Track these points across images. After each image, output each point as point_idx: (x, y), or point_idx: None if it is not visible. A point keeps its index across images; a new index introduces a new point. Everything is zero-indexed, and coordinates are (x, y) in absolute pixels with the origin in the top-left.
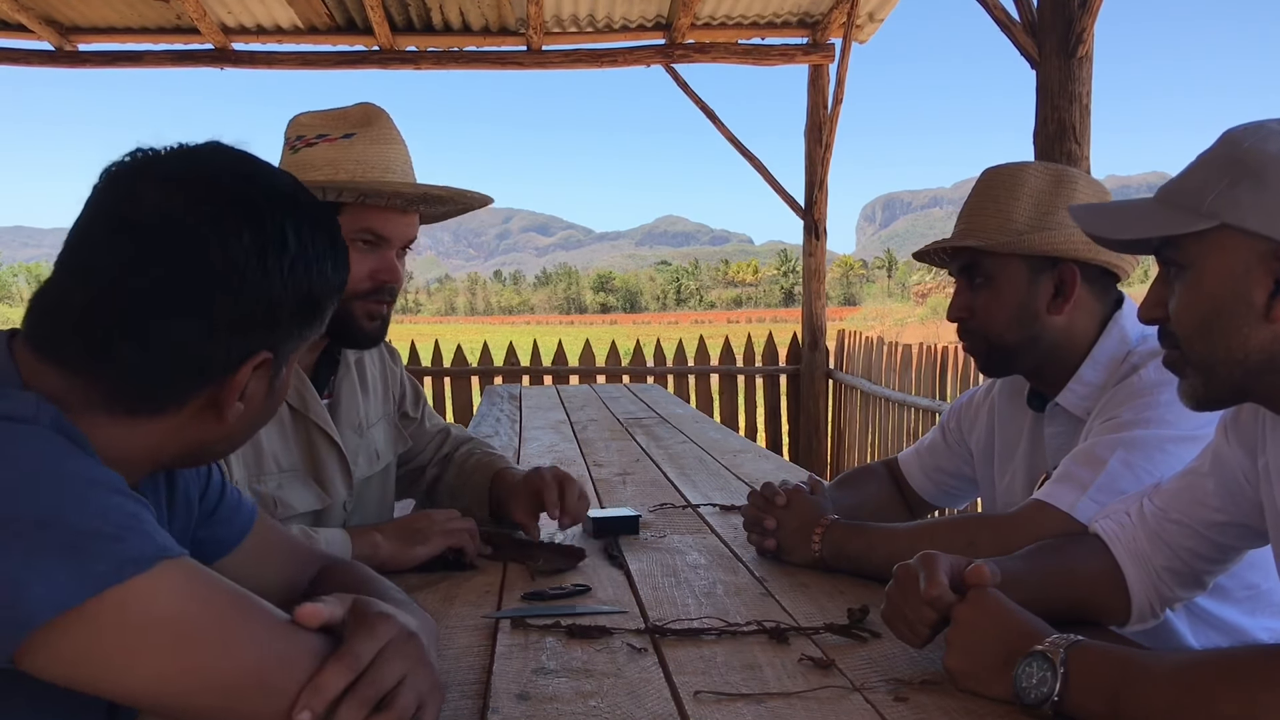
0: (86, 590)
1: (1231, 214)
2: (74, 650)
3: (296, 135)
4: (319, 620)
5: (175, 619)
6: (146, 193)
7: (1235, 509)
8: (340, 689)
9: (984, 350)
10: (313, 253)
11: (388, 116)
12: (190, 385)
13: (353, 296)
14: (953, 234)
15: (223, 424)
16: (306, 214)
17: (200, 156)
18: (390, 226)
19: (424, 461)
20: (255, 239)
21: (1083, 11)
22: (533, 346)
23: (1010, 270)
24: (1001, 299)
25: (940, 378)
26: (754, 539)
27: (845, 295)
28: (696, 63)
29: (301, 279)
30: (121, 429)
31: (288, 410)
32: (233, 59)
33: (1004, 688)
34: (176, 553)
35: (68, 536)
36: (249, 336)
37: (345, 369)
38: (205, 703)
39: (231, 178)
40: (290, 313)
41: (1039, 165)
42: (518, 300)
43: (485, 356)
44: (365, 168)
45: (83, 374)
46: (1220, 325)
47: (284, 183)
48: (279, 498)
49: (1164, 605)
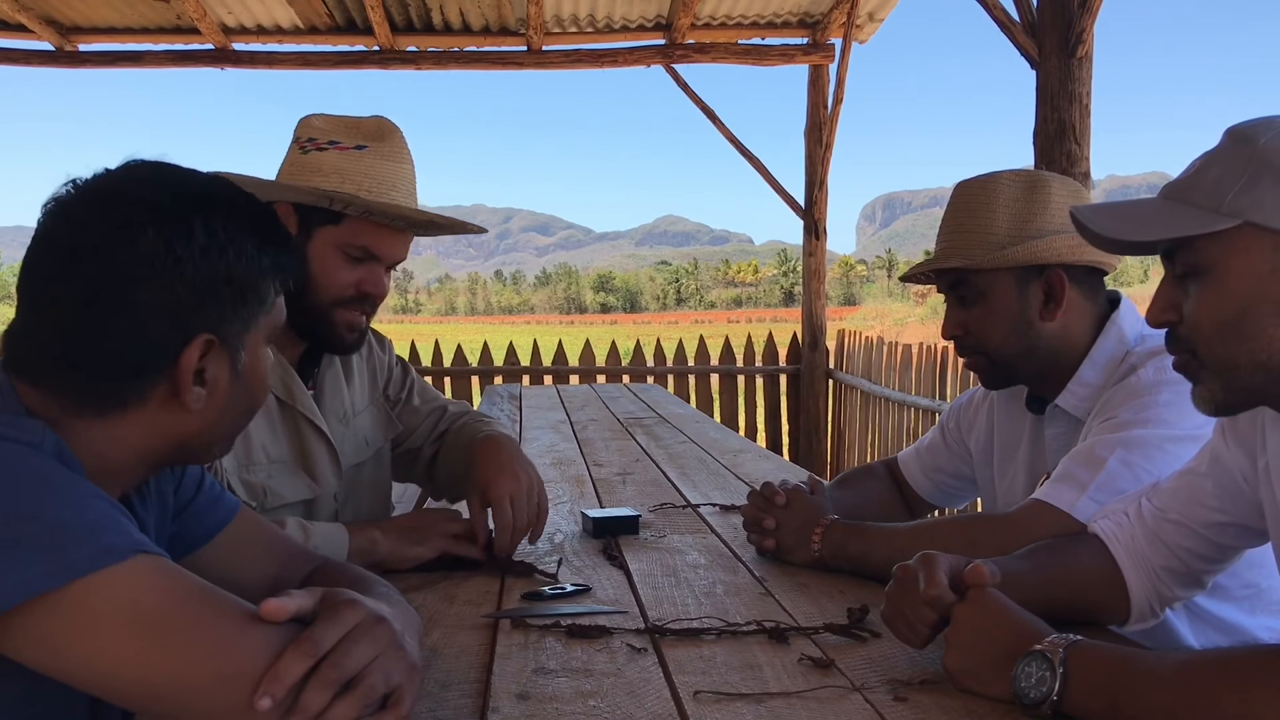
0: (61, 577)
1: (1255, 212)
2: (46, 634)
3: (308, 137)
4: (285, 614)
5: (143, 610)
6: (68, 215)
7: (1234, 509)
8: (299, 674)
9: (986, 366)
10: (225, 238)
11: (401, 134)
12: (140, 377)
13: (335, 303)
14: (935, 254)
15: (190, 413)
16: (217, 206)
17: (114, 174)
18: (385, 246)
19: (419, 442)
20: (159, 234)
21: (1083, 11)
22: (533, 346)
23: (999, 284)
24: (995, 313)
25: (940, 378)
26: (754, 539)
27: (845, 295)
28: (696, 63)
29: (217, 262)
30: (99, 430)
31: (275, 402)
32: (233, 59)
33: (1003, 687)
34: (153, 550)
35: (47, 529)
36: (178, 323)
37: (329, 360)
38: (169, 693)
39: (137, 184)
40: (214, 295)
41: (1010, 174)
42: (518, 300)
43: (485, 356)
44: (372, 182)
45: (51, 387)
46: (1245, 326)
47: (194, 182)
48: (269, 487)
49: (1163, 605)
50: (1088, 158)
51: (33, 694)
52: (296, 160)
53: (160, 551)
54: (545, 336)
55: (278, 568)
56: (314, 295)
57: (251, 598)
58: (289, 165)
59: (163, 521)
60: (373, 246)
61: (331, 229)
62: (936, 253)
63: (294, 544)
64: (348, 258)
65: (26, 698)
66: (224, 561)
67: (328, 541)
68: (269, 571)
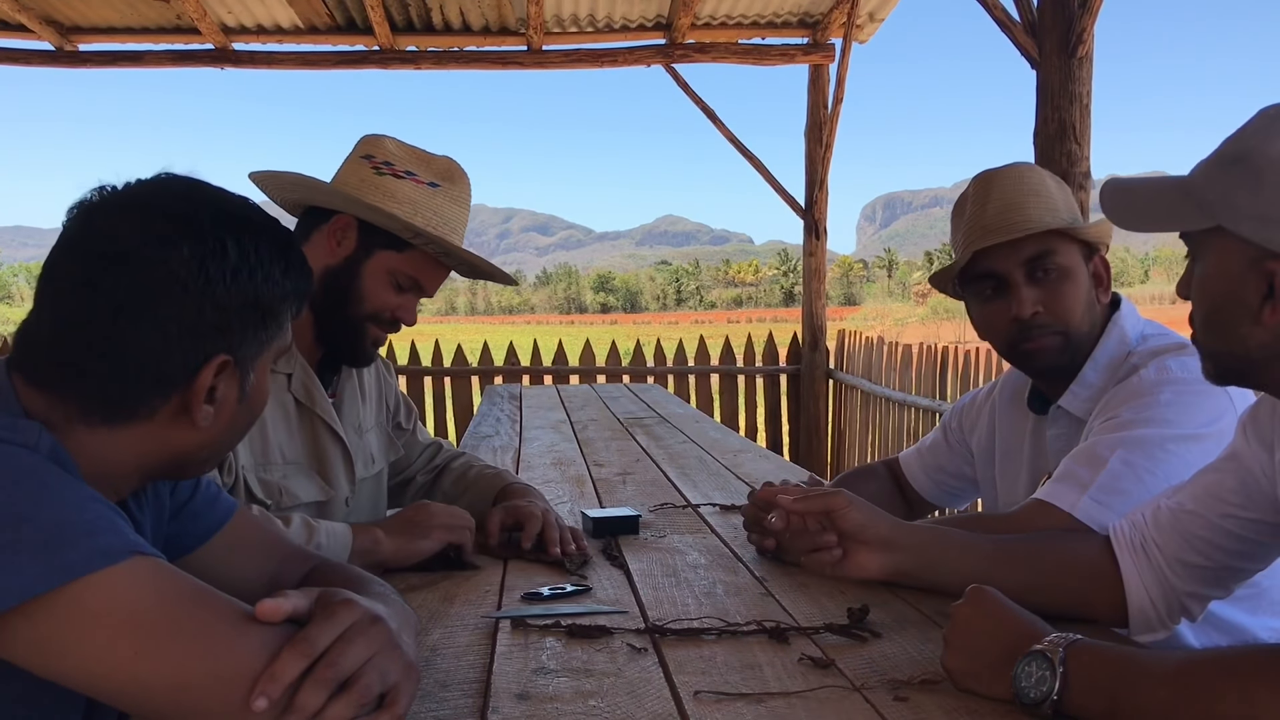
0: (56, 578)
1: (1226, 216)
2: (41, 636)
3: (384, 160)
4: (280, 614)
5: (139, 611)
6: (99, 222)
7: (1254, 505)
8: (295, 674)
9: (1061, 345)
10: (255, 261)
11: (468, 180)
12: (155, 391)
13: (371, 319)
14: (992, 233)
15: (196, 429)
16: (250, 228)
17: (149, 185)
18: (433, 282)
19: (414, 473)
20: (194, 251)
21: (1083, 11)
22: (533, 346)
23: (1077, 260)
24: (1079, 288)
25: (940, 378)
26: (754, 539)
27: (845, 295)
28: (696, 63)
29: (246, 285)
30: (101, 439)
31: (294, 404)
32: (233, 59)
33: (1003, 687)
34: (150, 552)
35: (42, 531)
36: (201, 341)
37: (347, 373)
38: (165, 694)
39: (172, 199)
40: (239, 317)
41: (1035, 166)
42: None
43: (485, 356)
44: (440, 221)
45: (59, 392)
46: (1220, 321)
47: (229, 202)
48: (284, 487)
49: (1175, 604)
50: (1088, 158)
51: (28, 695)
52: (369, 179)
53: (156, 553)
54: (545, 336)
55: (274, 568)
56: (354, 308)
57: (248, 599)
58: (359, 180)
59: (159, 523)
60: (423, 280)
61: (393, 254)
62: (1006, 227)
63: (291, 545)
64: (395, 284)
65: (22, 699)
66: (220, 562)
67: (332, 538)
68: (266, 572)
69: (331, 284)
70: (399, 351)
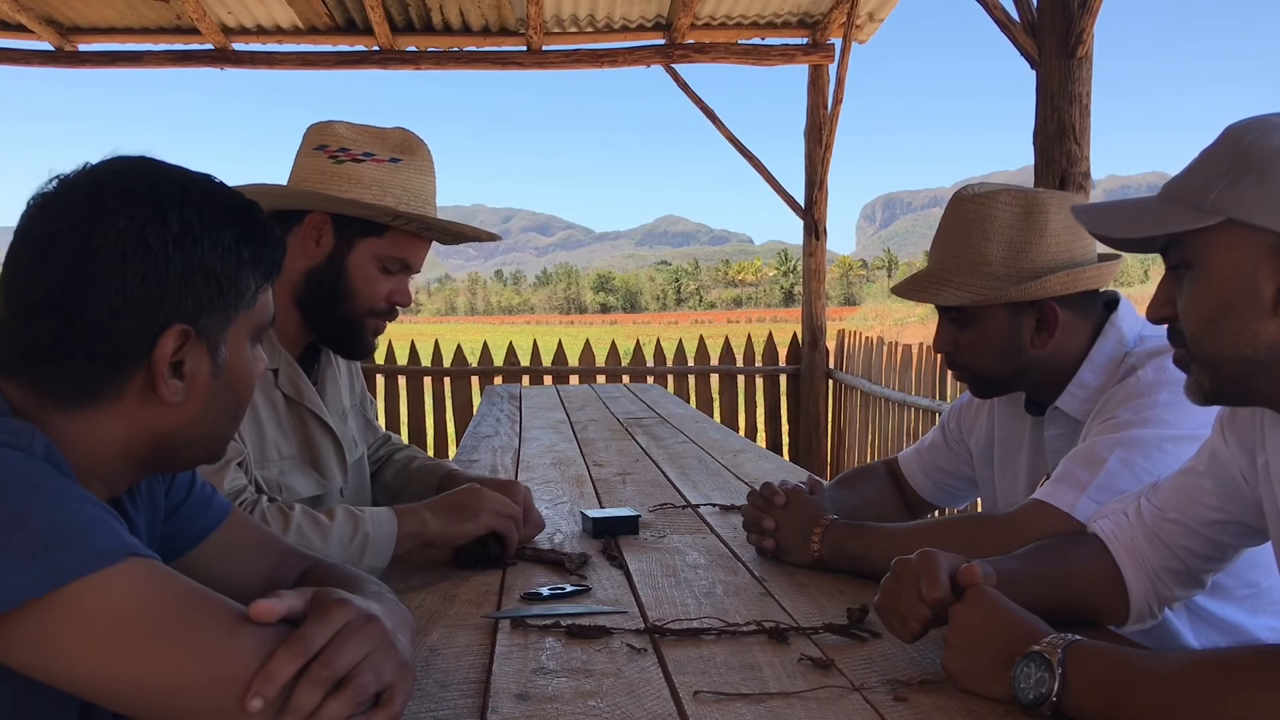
0: (52, 581)
1: (1236, 209)
2: (37, 638)
3: (339, 146)
4: (275, 615)
5: (134, 612)
6: (49, 205)
7: (1233, 508)
8: (290, 674)
9: (972, 380)
10: (200, 228)
11: (427, 147)
12: (115, 367)
13: (369, 313)
14: (928, 273)
15: (170, 407)
16: (193, 196)
17: (96, 167)
18: (419, 257)
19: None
20: (132, 222)
21: (1083, 11)
22: (533, 346)
23: (991, 313)
24: (985, 340)
25: (940, 378)
26: (754, 539)
27: (845, 295)
28: (696, 63)
29: (190, 252)
30: (79, 424)
31: (283, 399)
32: (233, 59)
33: (1002, 687)
34: (145, 553)
35: (37, 533)
36: (149, 311)
37: (327, 359)
38: (161, 695)
39: (115, 175)
40: (187, 285)
41: (1009, 195)
42: (518, 300)
43: (485, 356)
44: (409, 195)
45: (31, 376)
46: (1229, 321)
47: (173, 173)
48: (283, 483)
49: (1162, 605)
50: (1088, 158)
51: (23, 698)
52: (329, 170)
53: (151, 554)
54: (545, 336)
55: (270, 569)
56: (351, 305)
57: (244, 599)
58: (318, 174)
59: (154, 524)
60: (409, 258)
61: (375, 241)
62: (929, 271)
63: (286, 545)
64: (383, 269)
65: (16, 702)
66: (216, 563)
67: (379, 526)
68: (261, 572)
69: (318, 284)
70: (399, 352)
